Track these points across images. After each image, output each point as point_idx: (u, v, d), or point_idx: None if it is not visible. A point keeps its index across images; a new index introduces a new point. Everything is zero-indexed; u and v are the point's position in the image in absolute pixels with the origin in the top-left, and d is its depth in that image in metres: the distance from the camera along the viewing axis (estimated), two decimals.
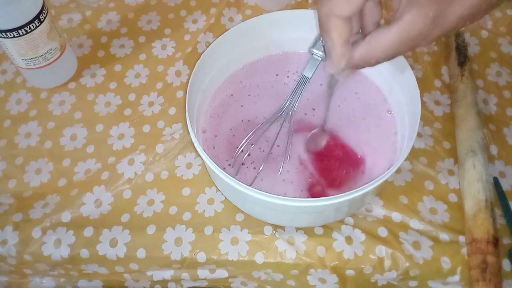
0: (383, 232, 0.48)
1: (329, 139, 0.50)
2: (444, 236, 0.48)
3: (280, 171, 0.48)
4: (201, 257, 0.48)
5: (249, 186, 0.42)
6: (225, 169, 0.49)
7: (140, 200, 0.51)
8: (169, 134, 0.55)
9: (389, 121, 0.51)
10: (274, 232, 0.49)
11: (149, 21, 0.65)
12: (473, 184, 0.48)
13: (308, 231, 0.48)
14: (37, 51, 0.54)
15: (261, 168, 0.48)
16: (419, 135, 0.54)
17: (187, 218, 0.50)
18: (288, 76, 0.55)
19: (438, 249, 0.47)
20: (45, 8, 0.53)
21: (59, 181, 0.53)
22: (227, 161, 0.50)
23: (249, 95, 0.54)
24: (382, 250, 0.47)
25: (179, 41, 0.63)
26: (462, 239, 0.48)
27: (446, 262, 0.47)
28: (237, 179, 0.42)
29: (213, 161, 0.43)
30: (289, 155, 0.49)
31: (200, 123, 0.52)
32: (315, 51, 0.50)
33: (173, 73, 0.60)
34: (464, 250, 0.47)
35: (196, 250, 0.48)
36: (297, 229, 0.49)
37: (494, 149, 0.54)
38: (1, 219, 0.51)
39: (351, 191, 0.41)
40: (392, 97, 0.52)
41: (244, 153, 0.49)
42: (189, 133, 0.45)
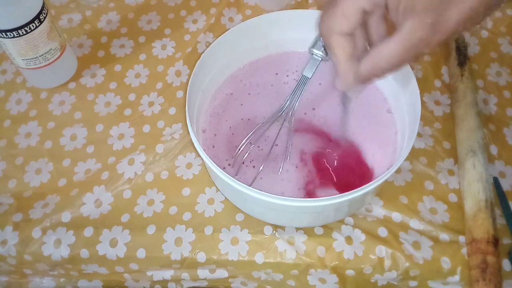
0: (383, 232, 0.48)
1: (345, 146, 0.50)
2: (444, 236, 0.48)
3: (280, 170, 0.48)
4: (201, 257, 0.48)
5: (249, 185, 0.42)
6: (225, 168, 0.49)
7: (140, 200, 0.51)
8: (169, 134, 0.55)
9: (389, 121, 0.51)
10: (274, 232, 0.49)
11: (149, 21, 0.65)
12: (473, 184, 0.48)
13: (308, 231, 0.48)
14: (37, 51, 0.54)
15: (261, 167, 0.48)
16: (419, 135, 0.54)
17: (187, 218, 0.50)
18: (287, 75, 0.55)
19: (438, 249, 0.47)
20: (45, 8, 0.53)
21: (59, 181, 0.53)
22: (227, 160, 0.50)
23: (249, 94, 0.54)
24: (382, 250, 0.47)
25: (179, 41, 0.63)
26: (462, 239, 0.48)
27: (446, 262, 0.47)
28: (237, 179, 0.42)
29: (213, 160, 0.43)
30: (289, 154, 0.49)
31: (200, 123, 0.52)
32: (315, 51, 0.50)
33: (173, 73, 0.60)
34: (464, 250, 0.47)
35: (196, 250, 0.48)
36: (297, 229, 0.49)
37: (494, 149, 0.54)
38: (1, 219, 0.51)
39: (351, 191, 0.41)
40: (392, 97, 0.52)
41: (244, 152, 0.49)
42: (189, 133, 0.45)
